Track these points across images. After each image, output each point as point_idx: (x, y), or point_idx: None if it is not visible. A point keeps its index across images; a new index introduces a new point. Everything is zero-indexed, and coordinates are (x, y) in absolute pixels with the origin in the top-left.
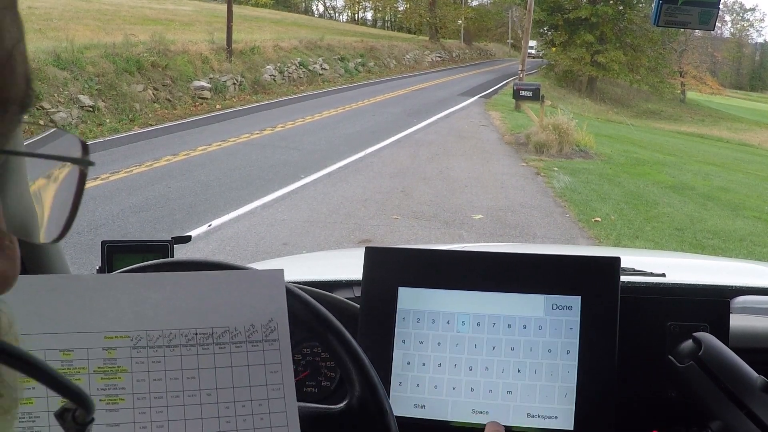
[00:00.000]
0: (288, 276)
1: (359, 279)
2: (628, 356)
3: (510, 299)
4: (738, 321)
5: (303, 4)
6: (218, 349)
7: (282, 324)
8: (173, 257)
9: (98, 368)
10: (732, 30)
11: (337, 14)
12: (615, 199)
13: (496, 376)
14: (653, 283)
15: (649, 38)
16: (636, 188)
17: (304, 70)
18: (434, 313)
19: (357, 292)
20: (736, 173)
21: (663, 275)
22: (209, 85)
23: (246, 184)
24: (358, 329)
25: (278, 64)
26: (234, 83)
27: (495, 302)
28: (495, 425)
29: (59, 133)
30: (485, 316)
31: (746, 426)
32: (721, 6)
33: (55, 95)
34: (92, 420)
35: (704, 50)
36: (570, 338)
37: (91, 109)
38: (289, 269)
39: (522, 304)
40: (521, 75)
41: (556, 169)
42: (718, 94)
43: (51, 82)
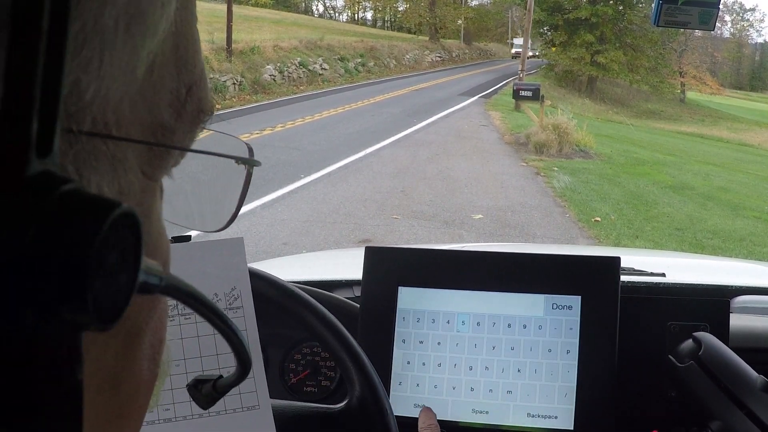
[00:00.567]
0: (288, 276)
1: (359, 279)
2: (628, 356)
3: (510, 299)
4: (738, 321)
5: (303, 4)
6: (183, 320)
7: (245, 291)
8: None
9: None
10: (732, 30)
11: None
12: (615, 199)
13: (496, 376)
14: (653, 283)
15: (649, 38)
16: (636, 188)
17: (304, 70)
18: (434, 313)
19: (357, 292)
20: (736, 173)
21: (663, 275)
22: (209, 85)
23: None
24: (358, 329)
25: (278, 64)
26: (234, 83)
27: (495, 302)
28: (428, 413)
29: (229, 138)
30: (485, 316)
31: (746, 426)
32: (721, 6)
33: None
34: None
35: (704, 50)
36: (570, 338)
37: None
38: (289, 269)
39: (522, 304)
40: (521, 75)
41: (556, 169)
42: (718, 94)
43: None
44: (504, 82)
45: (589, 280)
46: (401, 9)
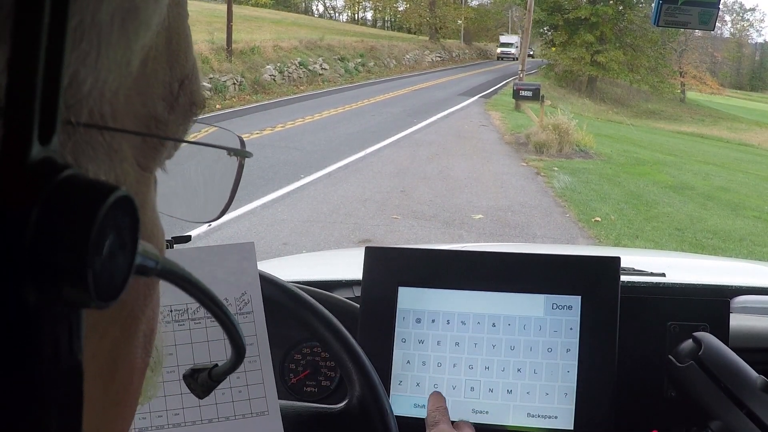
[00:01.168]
0: (288, 276)
1: (359, 279)
2: (628, 356)
3: (510, 299)
4: (738, 321)
5: (303, 4)
6: (194, 325)
7: (255, 296)
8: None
9: None
10: (732, 30)
11: (337, 14)
12: (615, 199)
13: (496, 376)
14: (653, 283)
15: (649, 38)
16: (636, 188)
17: (304, 70)
18: (434, 313)
19: (357, 292)
20: (736, 173)
21: (663, 275)
22: (209, 85)
23: (245, 184)
24: (358, 329)
25: (278, 64)
26: (234, 83)
27: (495, 302)
28: (438, 396)
29: (221, 131)
30: (485, 316)
31: (746, 426)
32: (721, 6)
33: None
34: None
35: (704, 50)
36: (570, 338)
37: None
38: (289, 269)
39: (522, 304)
40: (521, 75)
41: (556, 169)
42: (718, 94)
43: None
44: (504, 82)
45: (589, 280)
46: (401, 9)
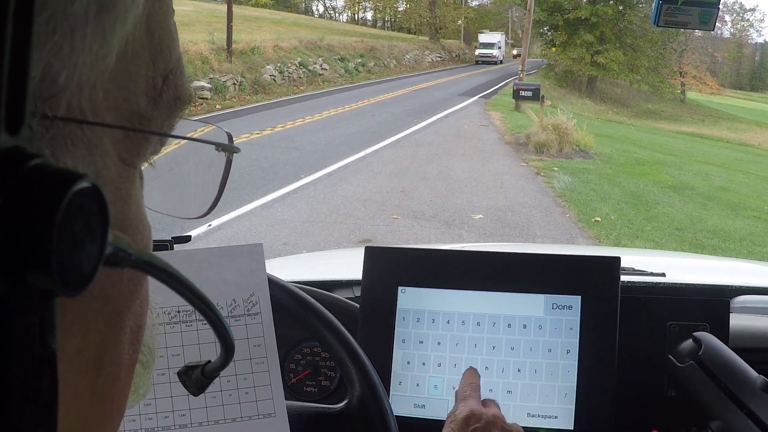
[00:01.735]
0: (288, 276)
1: (359, 279)
2: (628, 356)
3: (510, 299)
4: (738, 321)
5: (303, 4)
6: (201, 326)
7: (263, 297)
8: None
9: None
10: (732, 30)
11: (337, 14)
12: (615, 199)
13: (496, 376)
14: (653, 283)
15: (649, 38)
16: (636, 188)
17: (304, 70)
18: (434, 313)
19: (357, 292)
20: (736, 173)
21: (663, 275)
22: (209, 85)
23: (246, 184)
24: (358, 329)
25: (278, 64)
26: (234, 83)
27: (495, 302)
28: (473, 372)
29: (210, 126)
30: (485, 316)
31: (746, 426)
32: (721, 6)
33: None
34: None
35: (704, 50)
36: (570, 338)
37: None
38: (289, 269)
39: (522, 304)
40: (521, 75)
41: (556, 169)
42: (718, 94)
43: None
44: (504, 83)
45: (589, 280)
46: (401, 9)
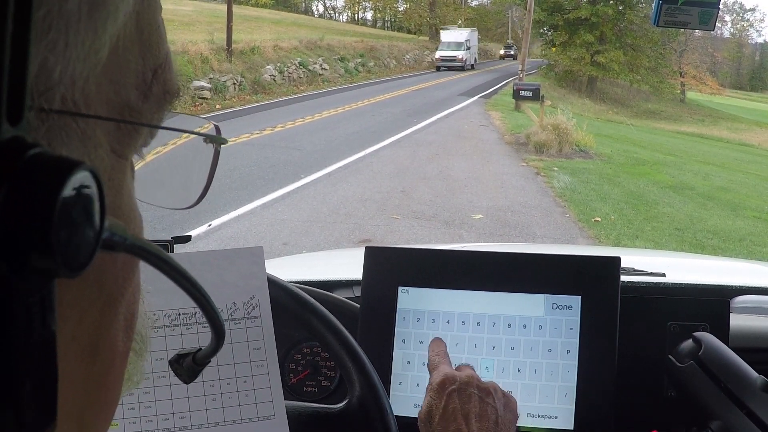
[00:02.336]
0: (288, 276)
1: (359, 279)
2: (628, 356)
3: (510, 299)
4: (738, 321)
5: (303, 4)
6: (201, 329)
7: (263, 300)
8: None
9: None
10: (732, 30)
11: (337, 14)
12: (615, 199)
13: (496, 376)
14: (653, 283)
15: (649, 38)
16: (636, 188)
17: (304, 70)
18: (434, 313)
19: (357, 292)
20: (736, 173)
21: (663, 275)
22: (209, 85)
23: (246, 184)
24: (358, 329)
25: (278, 64)
26: (234, 83)
27: (495, 302)
28: (438, 341)
29: (197, 119)
30: (485, 316)
31: (746, 426)
32: (721, 6)
33: None
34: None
35: (704, 50)
36: (570, 338)
37: None
38: (289, 269)
39: (522, 304)
40: (521, 75)
41: (556, 169)
42: (718, 94)
43: None
44: (504, 83)
45: (589, 280)
46: (401, 9)
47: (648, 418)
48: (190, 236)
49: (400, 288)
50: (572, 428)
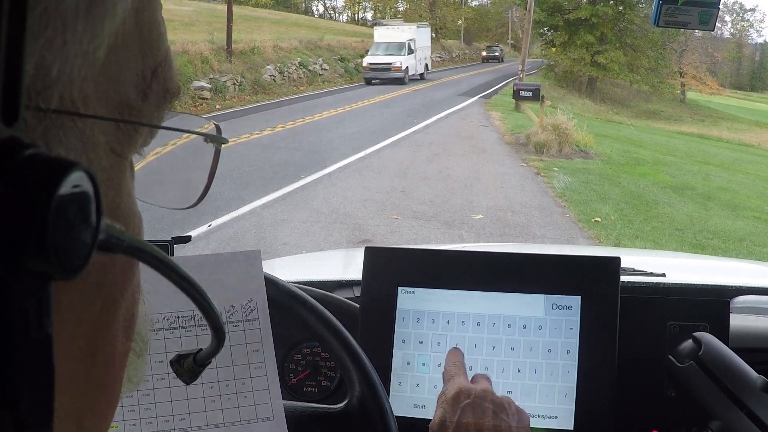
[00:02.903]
0: (288, 276)
1: (359, 279)
2: (628, 356)
3: (510, 299)
4: (738, 321)
5: (303, 4)
6: (200, 331)
7: (261, 303)
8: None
9: None
10: (732, 30)
11: (337, 14)
12: (615, 199)
13: (496, 376)
14: (653, 283)
15: (649, 38)
16: (636, 188)
17: (304, 71)
18: (434, 313)
19: (357, 292)
20: (736, 173)
21: (663, 275)
22: (209, 86)
23: (246, 184)
24: (358, 329)
25: (278, 65)
26: (234, 83)
27: (495, 302)
28: (456, 351)
29: (198, 119)
30: (485, 316)
31: (746, 426)
32: (721, 6)
33: None
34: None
35: (704, 50)
36: (570, 338)
37: None
38: (290, 269)
39: (522, 304)
40: (521, 75)
41: (556, 169)
42: (718, 95)
43: None
44: (504, 83)
45: (589, 280)
46: (401, 9)
47: (648, 418)
48: (190, 237)
49: (400, 288)
50: (572, 428)
